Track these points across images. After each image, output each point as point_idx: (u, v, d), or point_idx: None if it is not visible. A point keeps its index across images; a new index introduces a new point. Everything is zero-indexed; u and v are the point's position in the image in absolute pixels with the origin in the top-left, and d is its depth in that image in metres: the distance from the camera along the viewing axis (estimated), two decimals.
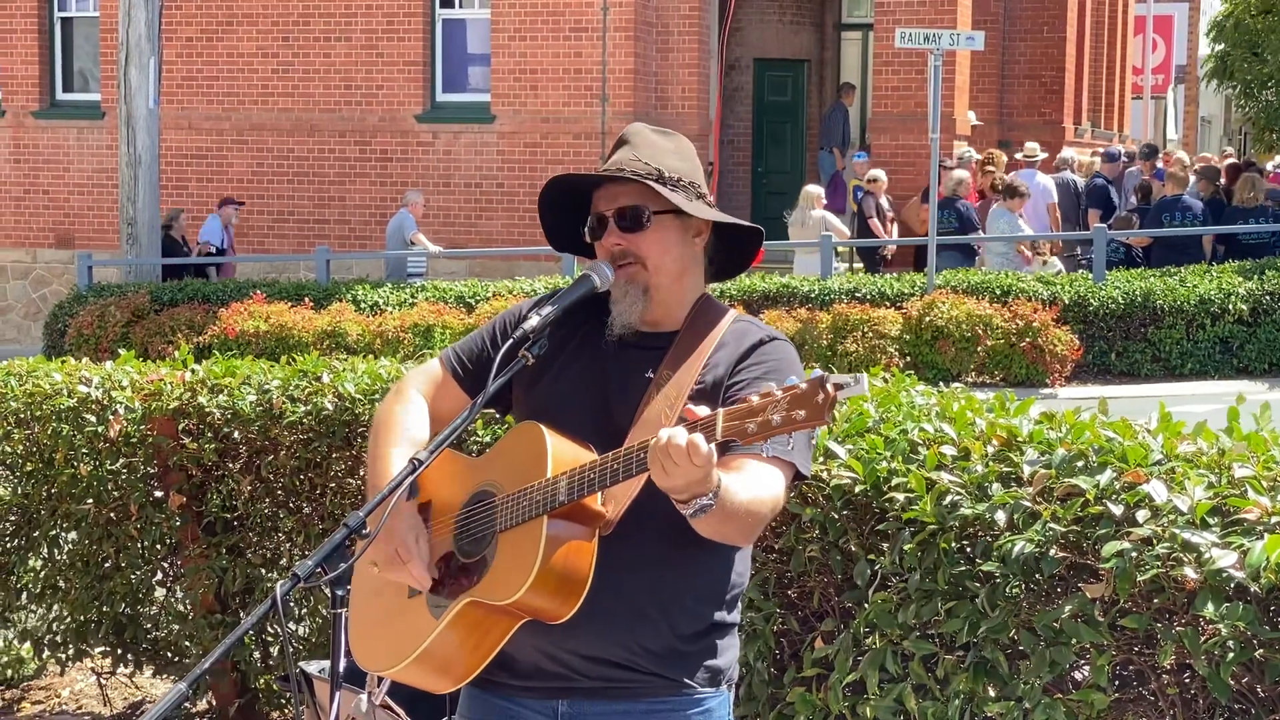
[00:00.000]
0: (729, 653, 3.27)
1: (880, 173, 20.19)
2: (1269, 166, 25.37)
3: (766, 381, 3.10)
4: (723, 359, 3.20)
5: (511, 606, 3.03)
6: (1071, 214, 20.48)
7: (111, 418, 5.88)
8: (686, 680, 3.19)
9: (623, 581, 3.10)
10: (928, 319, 15.62)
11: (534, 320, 3.19)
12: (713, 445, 2.74)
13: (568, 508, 3.01)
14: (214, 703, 6.30)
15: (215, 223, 20.60)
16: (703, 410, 2.78)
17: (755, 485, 2.97)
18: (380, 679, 4.33)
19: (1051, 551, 3.71)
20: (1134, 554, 3.55)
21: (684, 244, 3.28)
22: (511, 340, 3.19)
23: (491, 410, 3.50)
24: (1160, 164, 22.50)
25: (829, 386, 2.67)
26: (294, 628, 5.93)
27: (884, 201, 20.01)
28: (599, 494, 3.02)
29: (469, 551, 3.15)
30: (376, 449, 3.32)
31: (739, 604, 3.31)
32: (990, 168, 20.75)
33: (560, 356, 3.26)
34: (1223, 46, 33.40)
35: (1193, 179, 19.89)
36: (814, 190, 19.21)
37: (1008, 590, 3.82)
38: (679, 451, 2.73)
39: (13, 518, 6.36)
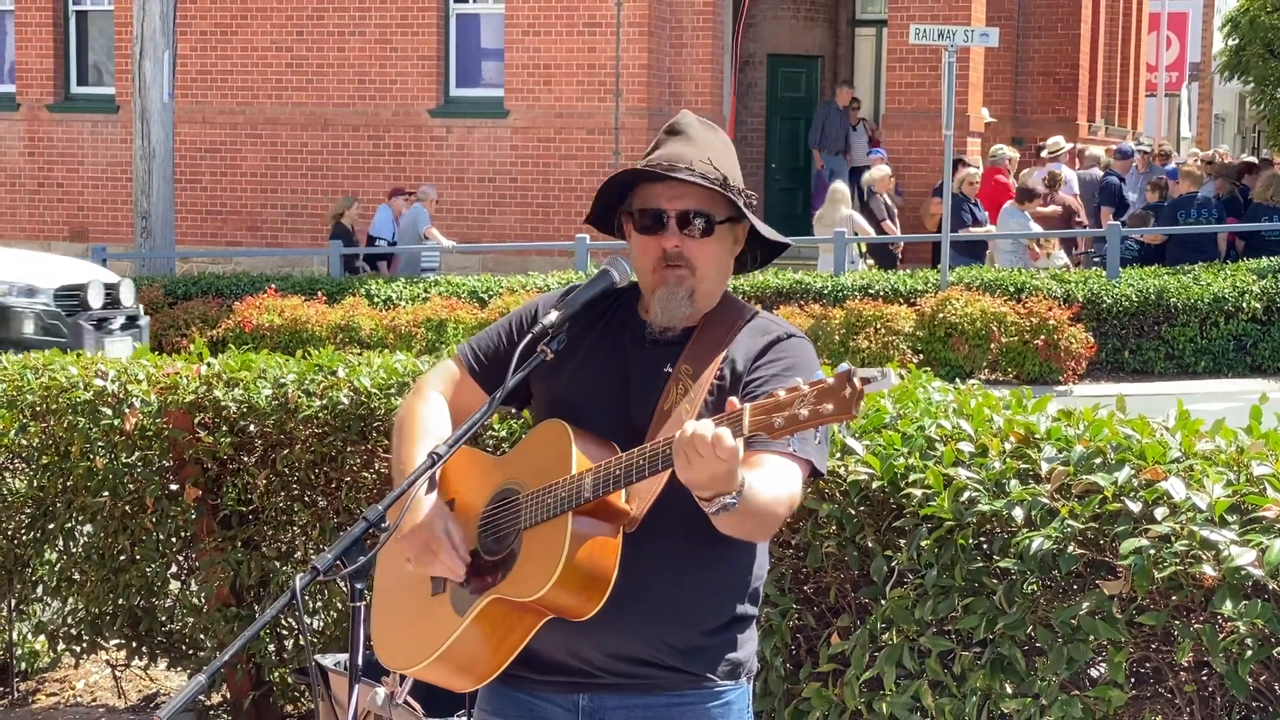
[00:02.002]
0: (748, 645, 3.27)
1: (881, 170, 20.15)
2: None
3: (785, 378, 3.10)
4: (740, 354, 3.20)
5: (535, 603, 3.03)
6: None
7: (127, 411, 5.89)
8: (707, 674, 3.19)
9: (647, 578, 3.10)
10: (941, 316, 15.60)
11: (553, 315, 3.19)
12: (739, 440, 2.73)
13: (593, 505, 3.00)
14: (228, 695, 6.31)
15: (386, 214, 20.11)
16: (735, 403, 2.78)
17: (775, 483, 2.96)
18: (403, 678, 4.33)
19: (1069, 548, 3.70)
20: (1152, 551, 3.55)
21: (730, 252, 3.28)
22: (530, 335, 3.20)
23: (508, 407, 3.50)
24: (1140, 163, 22.40)
25: (856, 380, 2.66)
26: (309, 621, 5.94)
27: (887, 199, 19.99)
28: (623, 491, 3.02)
29: (493, 549, 3.15)
30: (400, 449, 3.31)
31: (759, 596, 3.31)
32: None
33: (579, 352, 3.25)
34: (1237, 40, 33.36)
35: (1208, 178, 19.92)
36: (842, 188, 19.18)
37: (1025, 587, 3.81)
38: (703, 443, 2.73)
39: (28, 510, 6.36)
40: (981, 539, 3.96)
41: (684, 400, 3.13)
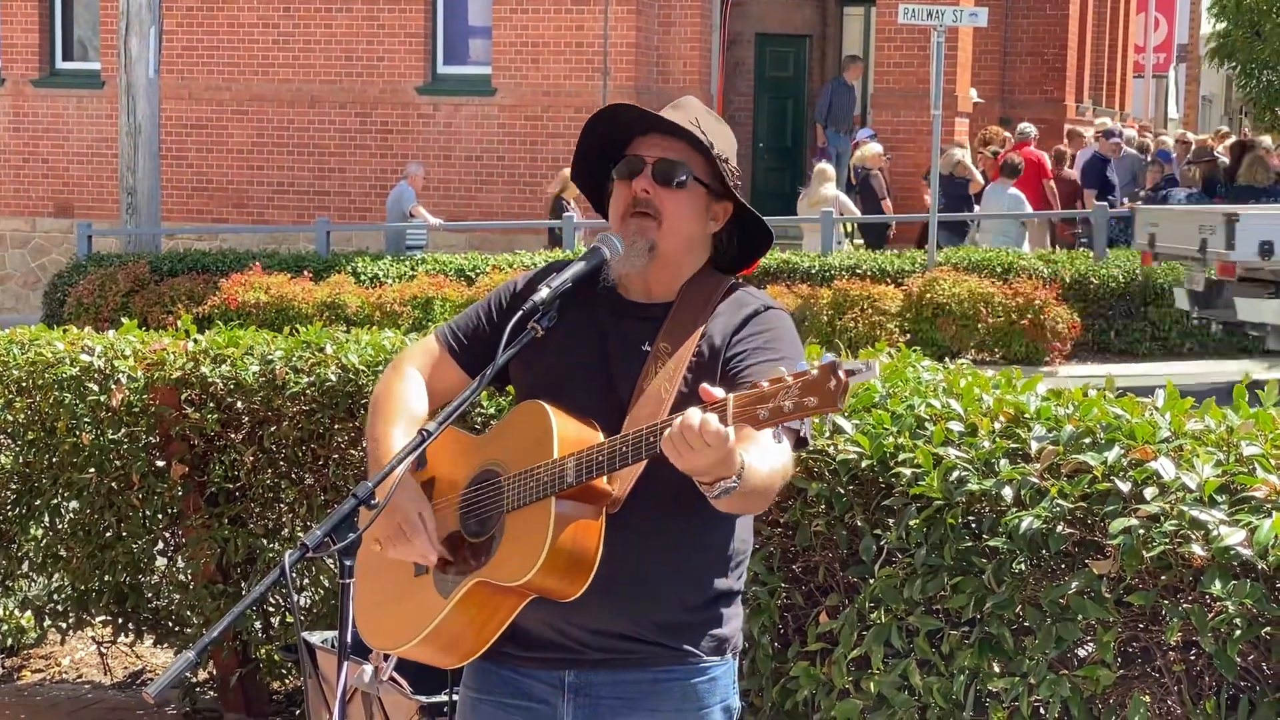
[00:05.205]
0: (734, 621, 3.28)
1: (873, 148, 20.12)
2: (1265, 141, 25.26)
3: (765, 351, 3.10)
4: (718, 329, 3.19)
5: (521, 588, 3.03)
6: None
7: (114, 387, 5.87)
8: (692, 650, 3.20)
9: (629, 556, 3.10)
10: (928, 296, 15.61)
11: (543, 292, 3.17)
12: (729, 427, 2.73)
13: (575, 488, 3.00)
14: (214, 672, 6.30)
15: None
16: (717, 392, 2.77)
17: (770, 458, 2.96)
18: (387, 656, 4.34)
19: (1058, 528, 3.70)
20: (1141, 531, 3.55)
21: (701, 220, 3.26)
22: (521, 312, 3.17)
23: (490, 385, 3.49)
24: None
25: (841, 373, 2.65)
26: (296, 599, 5.93)
27: (883, 176, 19.98)
28: None
29: (475, 531, 3.15)
30: (375, 429, 3.29)
31: (743, 571, 3.31)
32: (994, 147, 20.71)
33: (559, 331, 3.23)
34: (1225, 24, 33.39)
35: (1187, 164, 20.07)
36: (828, 168, 19.17)
37: (1014, 566, 3.81)
38: (691, 434, 2.73)
39: (14, 486, 6.34)
40: (970, 518, 3.96)
41: (664, 378, 3.12)
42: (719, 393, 2.76)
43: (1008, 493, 3.81)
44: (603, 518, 3.05)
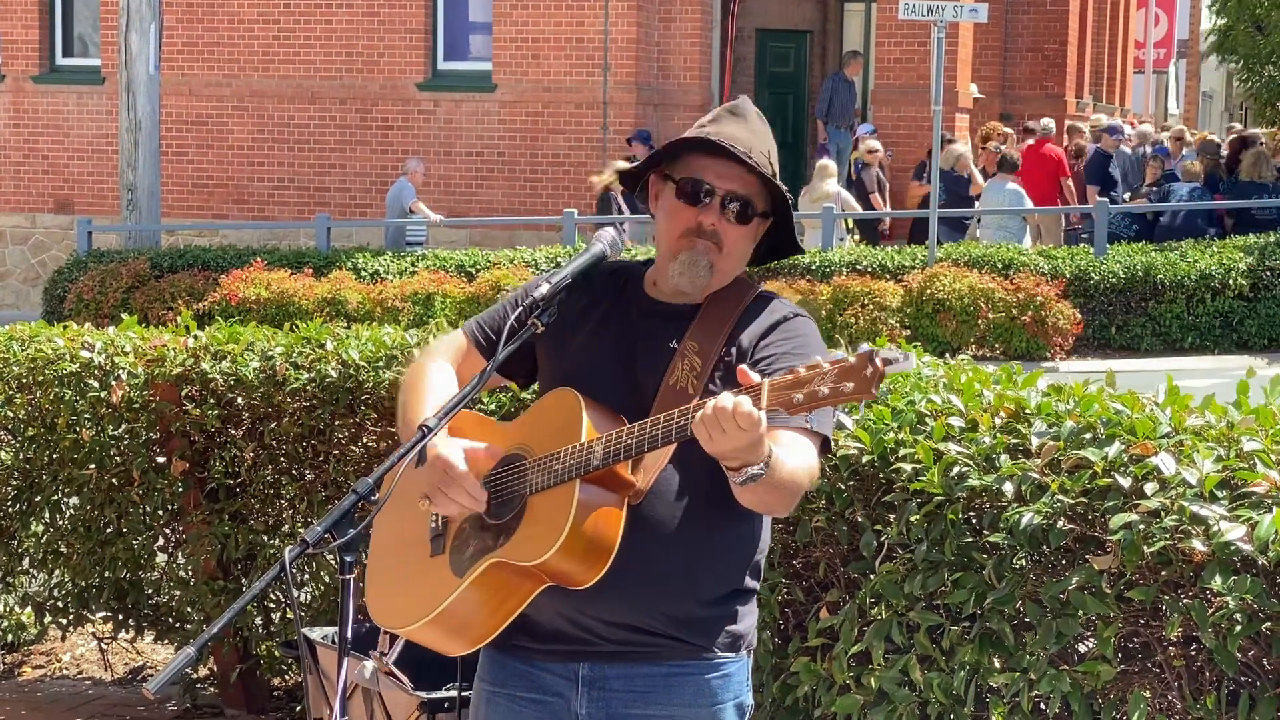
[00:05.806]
0: (749, 618, 3.29)
1: (871, 144, 20.12)
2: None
3: (792, 356, 3.11)
4: (747, 333, 3.21)
5: (537, 569, 3.03)
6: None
7: (114, 383, 5.87)
8: (707, 645, 3.20)
9: (649, 549, 3.10)
10: (929, 292, 15.61)
11: (543, 288, 3.19)
12: (761, 411, 2.73)
13: (599, 474, 3.01)
14: (215, 668, 6.30)
15: None
16: (754, 375, 2.79)
17: (798, 456, 2.98)
18: (392, 640, 4.33)
19: (1059, 523, 3.71)
20: (1142, 526, 3.55)
21: (753, 244, 3.29)
22: (522, 308, 3.20)
23: (508, 381, 3.51)
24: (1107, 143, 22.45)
25: (878, 361, 2.66)
26: (297, 594, 5.92)
27: (878, 172, 19.98)
28: (630, 463, 3.02)
29: (497, 513, 3.14)
30: (408, 401, 3.32)
31: (760, 570, 3.32)
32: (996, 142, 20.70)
33: (586, 325, 3.26)
34: (1225, 20, 33.39)
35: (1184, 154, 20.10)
36: (829, 164, 19.16)
37: (1014, 562, 3.82)
38: (725, 415, 2.74)
39: (14, 482, 6.34)
40: (971, 514, 3.96)
41: (690, 376, 3.13)
42: (755, 376, 2.78)
43: (1008, 488, 3.81)
44: (625, 508, 3.06)
